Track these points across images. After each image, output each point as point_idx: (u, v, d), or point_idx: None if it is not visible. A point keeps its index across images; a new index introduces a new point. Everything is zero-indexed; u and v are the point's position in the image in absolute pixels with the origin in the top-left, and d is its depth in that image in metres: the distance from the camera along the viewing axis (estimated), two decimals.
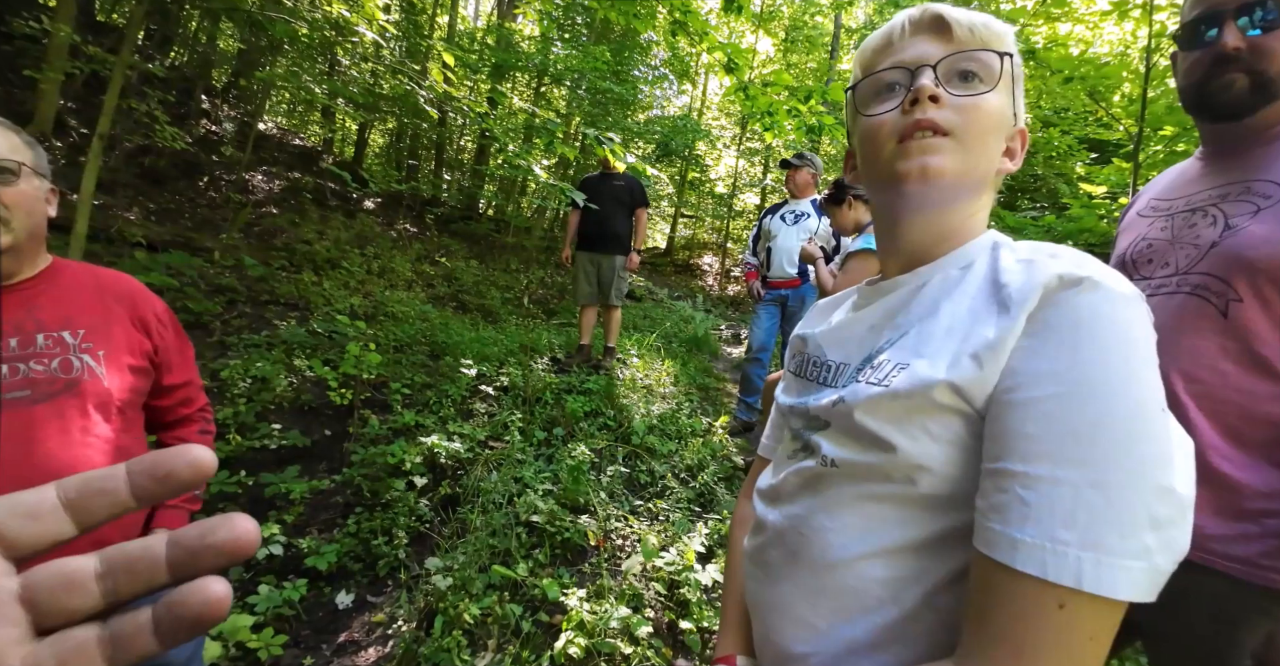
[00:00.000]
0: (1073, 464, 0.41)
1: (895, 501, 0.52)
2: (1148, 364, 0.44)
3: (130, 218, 4.29)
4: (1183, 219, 1.00)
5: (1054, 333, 0.45)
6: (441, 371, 3.45)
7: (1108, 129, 6.14)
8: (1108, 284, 0.45)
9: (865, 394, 0.53)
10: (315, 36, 5.44)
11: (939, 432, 0.49)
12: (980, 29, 0.56)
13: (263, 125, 7.48)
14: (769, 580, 0.62)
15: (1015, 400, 0.44)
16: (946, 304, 0.54)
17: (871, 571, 0.52)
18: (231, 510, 2.20)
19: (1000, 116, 0.56)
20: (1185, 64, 0.99)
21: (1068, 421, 0.42)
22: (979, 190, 0.58)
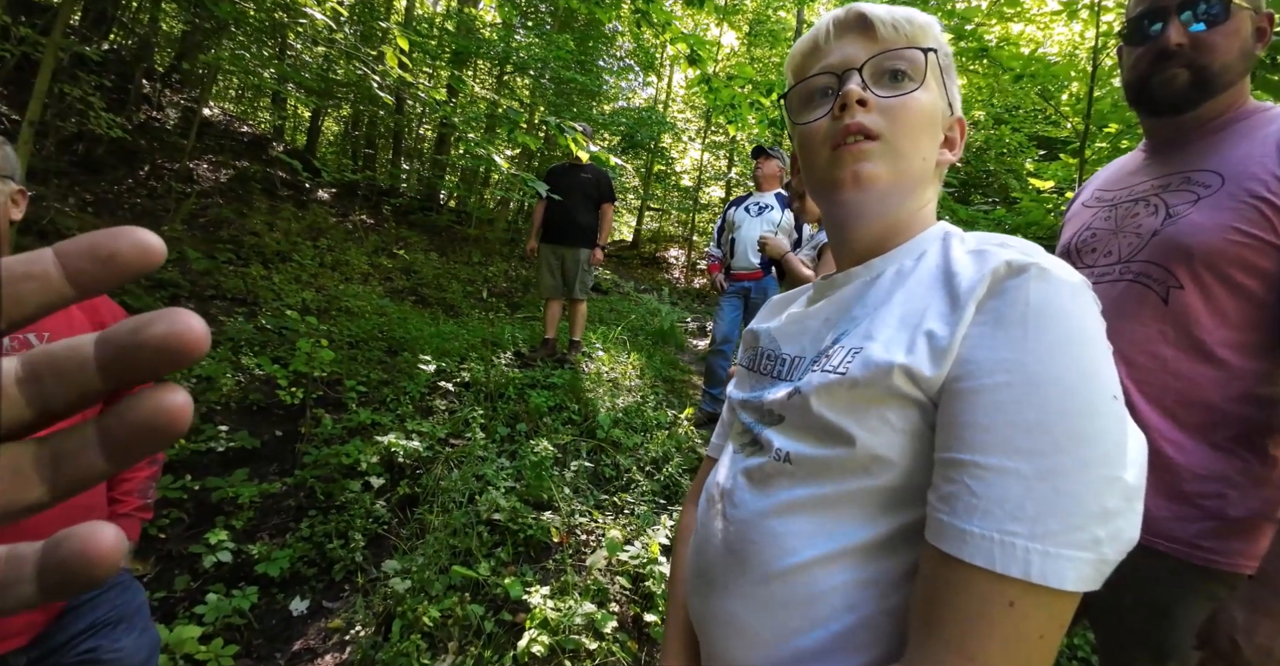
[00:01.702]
0: (1022, 454, 0.41)
1: (851, 499, 0.50)
2: (1097, 351, 0.44)
3: (65, 209, 4.03)
4: (1125, 208, 1.02)
5: (1002, 321, 0.45)
6: (399, 368, 3.36)
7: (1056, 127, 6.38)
8: (1054, 272, 0.45)
9: (820, 382, 0.52)
10: (263, 18, 5.20)
11: (898, 423, 0.48)
12: (904, 25, 0.56)
13: (208, 111, 7.13)
14: (714, 593, 0.59)
15: (965, 389, 0.44)
16: (900, 293, 0.53)
17: (826, 577, 0.50)
18: (177, 517, 2.10)
19: (931, 111, 0.56)
20: (1130, 59, 1.01)
21: (1017, 411, 0.42)
22: (919, 186, 0.58)
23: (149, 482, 1.18)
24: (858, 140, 0.54)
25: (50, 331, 1.02)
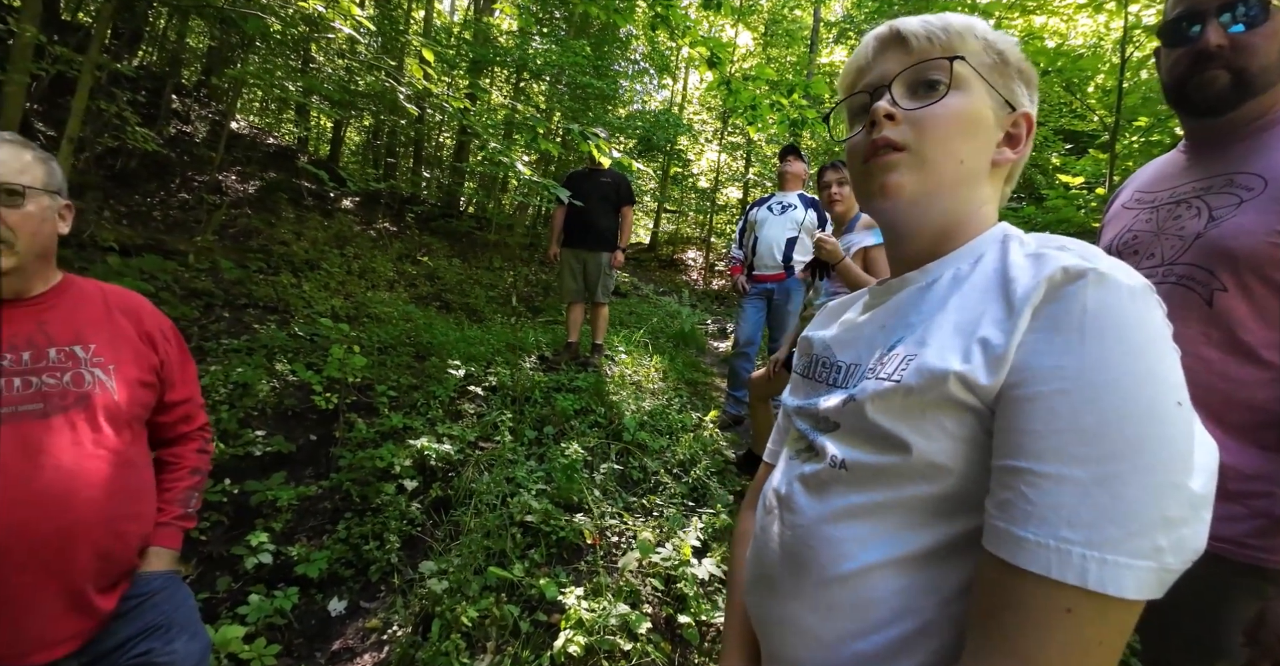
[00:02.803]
0: (1079, 461, 0.41)
1: (908, 507, 0.50)
2: (1159, 355, 0.43)
3: (101, 221, 4.16)
4: (1167, 211, 1.02)
5: (1060, 328, 0.44)
6: (428, 372, 3.41)
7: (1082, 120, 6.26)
8: (1114, 276, 0.44)
9: (875, 389, 0.53)
10: (288, 32, 5.33)
11: (954, 430, 0.48)
12: (939, 35, 0.57)
13: (235, 124, 7.31)
14: (774, 597, 0.60)
15: (1022, 396, 0.44)
16: (955, 299, 0.53)
17: (885, 583, 0.51)
18: (217, 520, 2.16)
19: (967, 114, 0.56)
20: (1168, 61, 1.00)
21: (1075, 417, 0.42)
22: (963, 188, 0.58)
23: (190, 493, 1.21)
24: (885, 153, 0.57)
25: (96, 343, 1.05)
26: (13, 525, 0.89)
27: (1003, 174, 0.61)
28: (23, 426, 0.94)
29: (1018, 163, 0.61)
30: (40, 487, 0.92)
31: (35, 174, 0.99)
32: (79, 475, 0.96)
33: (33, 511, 0.91)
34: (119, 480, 1.02)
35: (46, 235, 1.02)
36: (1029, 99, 0.60)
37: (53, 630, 0.94)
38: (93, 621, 0.99)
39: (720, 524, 2.37)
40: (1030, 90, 0.60)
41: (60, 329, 1.03)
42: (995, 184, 0.61)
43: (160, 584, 1.07)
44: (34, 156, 1.01)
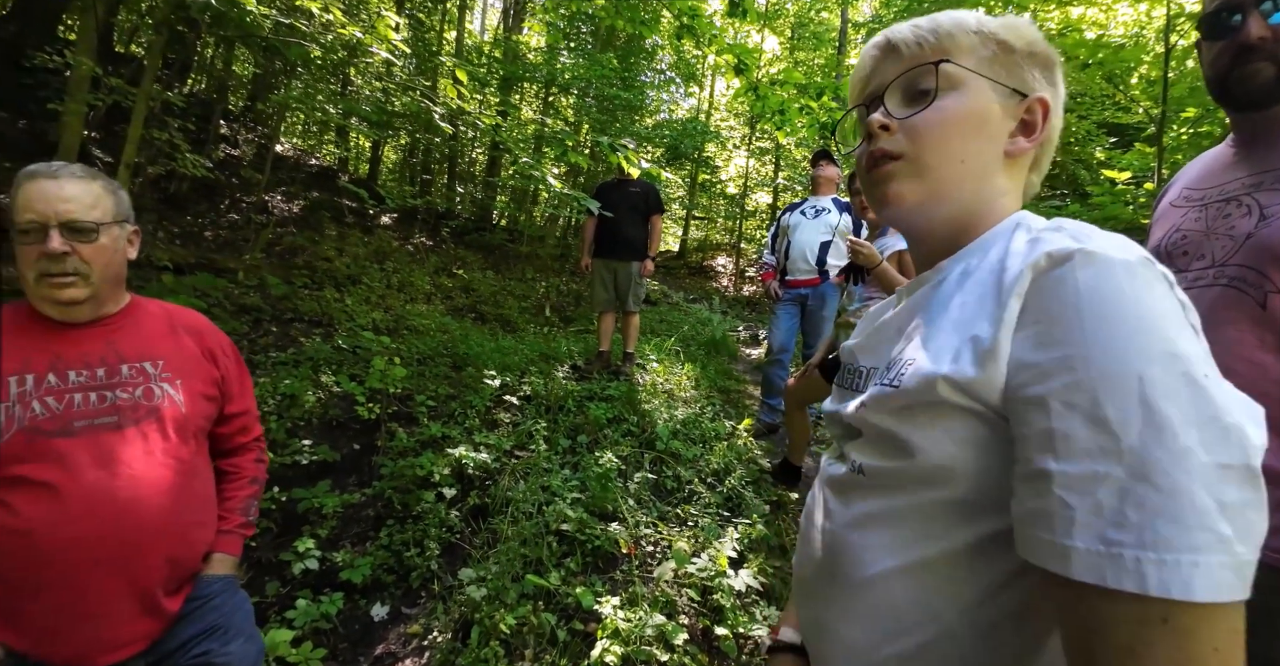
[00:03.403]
0: (1110, 455, 0.38)
1: (922, 511, 0.50)
2: (1168, 330, 0.40)
3: (156, 242, 4.39)
4: (1216, 209, 0.98)
5: (1056, 317, 0.42)
6: (464, 382, 3.48)
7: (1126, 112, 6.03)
8: (1104, 253, 0.42)
9: (876, 394, 0.54)
10: (328, 58, 5.55)
11: (959, 433, 0.47)
12: (928, 38, 0.57)
13: (280, 147, 7.64)
14: (812, 602, 0.61)
15: (1033, 395, 0.42)
16: (959, 295, 0.52)
17: (903, 589, 0.51)
18: (266, 526, 2.24)
19: (964, 115, 0.56)
20: (1210, 54, 0.97)
21: (1093, 409, 0.39)
22: (971, 184, 0.57)
23: (250, 501, 1.26)
24: (884, 163, 0.58)
25: (164, 359, 1.11)
26: (92, 531, 0.95)
27: (1023, 163, 0.59)
28: (99, 438, 0.99)
29: (1040, 149, 0.59)
30: (116, 495, 0.98)
31: (106, 206, 1.04)
32: (152, 483, 1.02)
33: (110, 518, 0.97)
34: (187, 488, 1.08)
35: (118, 263, 1.08)
36: (1046, 81, 0.58)
37: (125, 631, 0.99)
38: (161, 622, 1.04)
39: (756, 534, 2.34)
40: (1047, 72, 0.58)
41: (131, 346, 1.09)
42: (1014, 174, 0.59)
43: (220, 587, 1.12)
44: (103, 188, 1.05)
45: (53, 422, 0.97)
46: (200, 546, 1.11)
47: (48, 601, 0.93)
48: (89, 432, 0.99)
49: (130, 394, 1.05)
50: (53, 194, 0.98)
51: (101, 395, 1.02)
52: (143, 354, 1.09)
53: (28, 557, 0.92)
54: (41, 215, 0.97)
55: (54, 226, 0.97)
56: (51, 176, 0.99)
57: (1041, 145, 0.59)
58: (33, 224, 0.97)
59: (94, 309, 1.06)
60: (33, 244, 0.97)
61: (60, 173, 1.00)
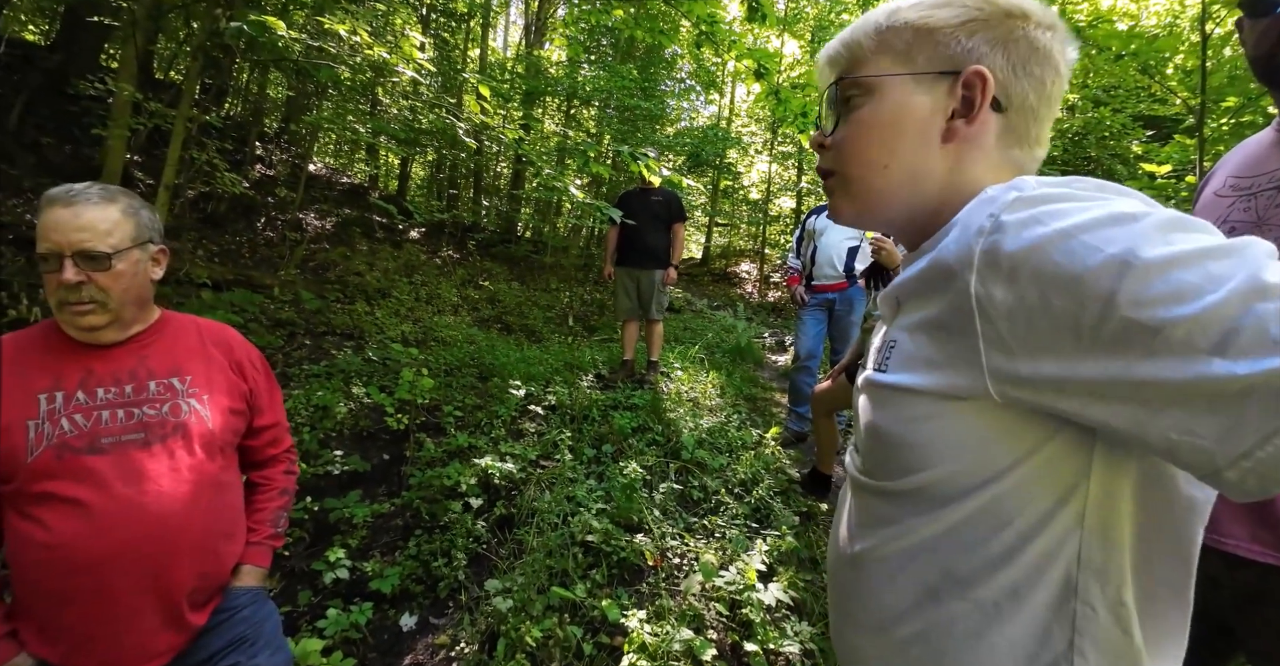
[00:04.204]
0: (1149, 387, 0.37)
1: (895, 500, 0.53)
2: (1100, 259, 0.38)
3: (195, 260, 4.56)
4: (1267, 198, 0.92)
5: (1019, 289, 0.41)
6: (491, 392, 3.50)
7: (1163, 104, 5.82)
8: (1032, 212, 0.41)
9: (858, 393, 0.59)
10: (357, 79, 5.72)
11: (939, 424, 0.48)
12: (842, 52, 0.59)
13: (313, 166, 7.88)
14: (833, 610, 0.65)
15: (1041, 373, 0.41)
16: (915, 286, 0.53)
17: (882, 569, 0.55)
18: (299, 536, 2.28)
19: (878, 121, 0.56)
20: (1254, 34, 0.91)
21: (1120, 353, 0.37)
22: (907, 181, 0.56)
23: (280, 513, 1.27)
24: (826, 180, 0.62)
25: (192, 374, 1.12)
26: (120, 547, 0.97)
27: (981, 140, 0.54)
28: (127, 455, 1.01)
29: (1011, 119, 0.54)
30: (145, 512, 0.99)
31: (123, 231, 1.03)
32: (179, 499, 1.03)
33: (138, 534, 0.98)
34: (215, 503, 1.09)
35: (139, 286, 1.07)
36: (991, 44, 0.52)
37: (150, 644, 1.01)
38: (185, 636, 1.05)
39: (786, 547, 2.29)
40: (990, 31, 0.52)
41: (159, 363, 1.10)
42: (974, 154, 0.54)
43: (248, 599, 1.13)
44: (121, 212, 1.03)
45: (81, 439, 0.99)
46: (229, 559, 1.13)
47: (77, 615, 0.96)
48: (117, 449, 1.00)
49: (158, 410, 1.06)
50: (67, 223, 0.97)
51: (129, 412, 1.03)
52: (171, 370, 1.10)
53: (58, 572, 0.94)
54: (56, 245, 0.97)
55: (68, 256, 0.97)
56: (67, 204, 0.99)
57: (1009, 115, 0.53)
58: (50, 253, 0.97)
59: (118, 332, 1.07)
60: (51, 272, 0.98)
61: (76, 199, 0.99)
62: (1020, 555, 0.46)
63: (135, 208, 1.07)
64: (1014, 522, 0.46)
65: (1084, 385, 0.39)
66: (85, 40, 5.31)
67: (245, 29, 2.43)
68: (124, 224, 1.03)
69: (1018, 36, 0.52)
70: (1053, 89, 0.54)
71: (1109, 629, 0.45)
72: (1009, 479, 0.45)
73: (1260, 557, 0.83)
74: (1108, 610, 0.45)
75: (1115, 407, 0.39)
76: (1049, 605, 0.46)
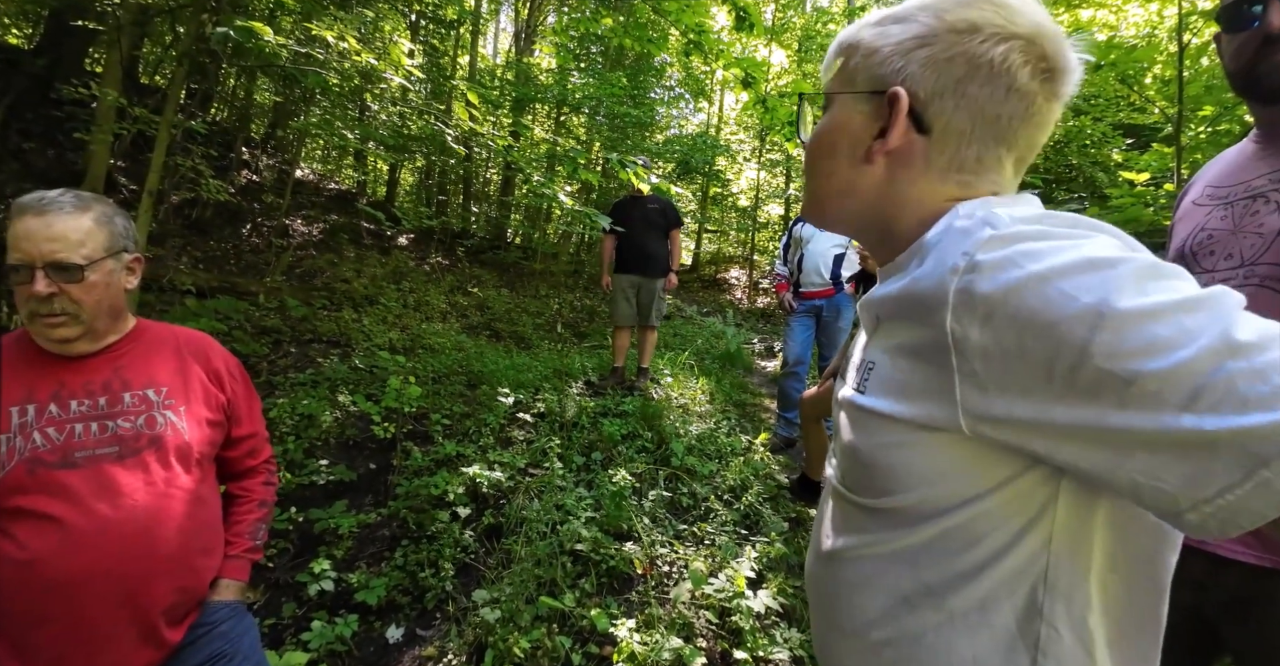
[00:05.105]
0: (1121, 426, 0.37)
1: (870, 515, 0.54)
2: (1076, 307, 0.38)
3: (179, 267, 4.51)
4: (1243, 206, 0.94)
5: (995, 331, 0.41)
6: (479, 400, 3.48)
7: (1141, 113, 5.94)
8: (1007, 253, 0.42)
9: (837, 407, 0.61)
10: (346, 85, 5.70)
11: (913, 453, 0.49)
12: (829, 60, 0.61)
13: (299, 172, 7.82)
14: (812, 610, 0.67)
15: (1011, 415, 0.42)
16: (891, 306, 0.54)
17: (853, 570, 0.57)
18: (283, 547, 2.24)
19: (822, 136, 0.60)
20: (1231, 47, 0.94)
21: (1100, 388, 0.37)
22: (851, 196, 0.58)
23: (259, 525, 1.24)
24: None
25: (168, 385, 1.09)
26: (95, 566, 0.94)
27: (913, 161, 0.54)
28: (100, 469, 0.98)
29: (937, 143, 0.53)
30: (120, 528, 0.96)
31: (96, 241, 0.99)
32: (155, 514, 1.00)
33: (113, 551, 0.95)
34: (192, 517, 1.06)
35: (113, 297, 1.04)
36: (920, 65, 0.51)
37: (126, 663, 0.98)
38: (162, 652, 1.02)
39: (775, 553, 2.29)
40: (929, 49, 0.51)
41: (134, 374, 1.07)
42: (906, 174, 0.55)
43: (226, 614, 1.11)
44: (94, 221, 1.00)
45: (53, 454, 0.96)
46: (207, 574, 1.10)
47: (52, 632, 0.93)
48: (90, 463, 0.98)
49: (132, 423, 1.03)
50: (38, 233, 0.94)
51: (103, 425, 1.01)
52: (147, 381, 1.08)
53: (31, 590, 0.92)
54: (27, 255, 0.94)
55: (39, 267, 0.94)
56: (39, 213, 0.95)
57: (932, 138, 0.53)
58: (20, 263, 0.94)
59: (91, 343, 1.04)
60: (22, 283, 0.95)
61: (48, 208, 0.96)
62: (990, 570, 0.47)
63: (109, 215, 1.04)
64: (984, 541, 0.47)
65: (1056, 428, 0.40)
66: (70, 44, 5.26)
67: (232, 34, 2.41)
68: (97, 233, 1.00)
69: (954, 55, 0.51)
70: (1005, 107, 0.51)
71: (1073, 650, 0.46)
72: (979, 505, 0.47)
73: (1245, 558, 0.84)
74: (1072, 632, 0.46)
75: (1085, 451, 0.40)
76: (1015, 623, 0.47)
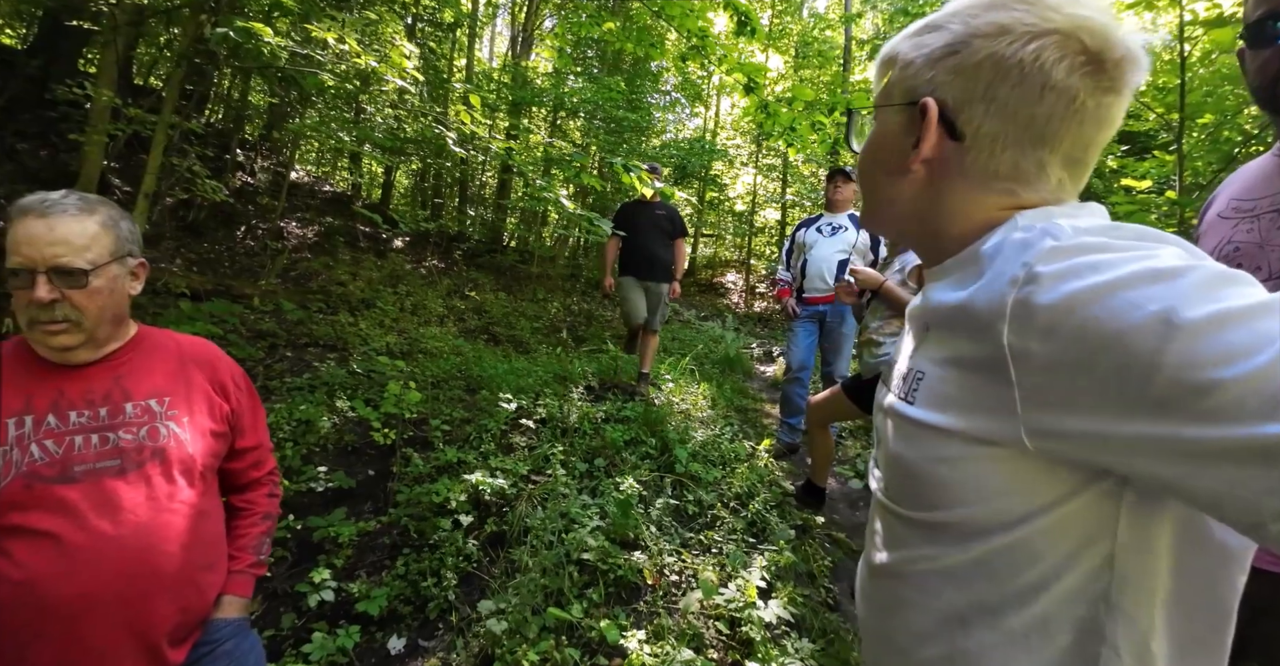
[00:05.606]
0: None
1: (912, 526, 0.54)
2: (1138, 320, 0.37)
3: (174, 269, 4.44)
4: (1269, 220, 0.95)
5: (1058, 344, 0.40)
6: (479, 405, 3.44)
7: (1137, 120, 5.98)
8: (1068, 263, 0.41)
9: (880, 414, 0.61)
10: (342, 88, 5.66)
11: (966, 468, 0.48)
12: (876, 72, 0.62)
13: (295, 174, 7.77)
14: (861, 623, 0.66)
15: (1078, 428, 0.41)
16: (944, 315, 0.53)
17: (897, 587, 0.56)
18: (282, 555, 2.20)
19: (870, 147, 0.61)
20: (1255, 63, 0.94)
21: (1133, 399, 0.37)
22: (897, 204, 0.59)
23: (263, 538, 1.20)
24: None
25: (170, 395, 1.05)
26: (95, 585, 0.90)
27: (949, 171, 0.54)
28: (101, 483, 0.94)
29: (970, 148, 0.52)
30: (121, 545, 0.92)
31: (102, 245, 0.96)
32: (158, 530, 0.96)
33: (114, 570, 0.91)
34: (195, 533, 1.02)
35: (116, 303, 1.01)
36: (949, 73, 0.52)
37: None
38: None
39: (785, 562, 2.26)
40: (957, 58, 0.51)
41: (136, 384, 1.03)
42: (944, 184, 0.55)
43: (230, 632, 1.07)
44: (100, 224, 0.97)
45: (52, 468, 0.91)
46: (210, 591, 1.06)
47: (50, 654, 0.89)
48: (90, 477, 0.93)
49: (134, 435, 0.99)
50: (41, 236, 0.90)
51: (104, 437, 0.96)
52: (149, 391, 1.03)
53: (29, 610, 0.87)
54: (29, 259, 0.90)
55: (42, 272, 0.90)
56: (42, 215, 0.91)
57: (967, 145, 0.52)
58: (21, 268, 0.90)
59: (92, 351, 1.00)
60: (22, 288, 0.91)
61: (51, 210, 0.92)
62: (1050, 589, 0.46)
63: (115, 219, 1.00)
64: (1042, 560, 0.46)
65: (1127, 442, 0.38)
66: (65, 45, 5.21)
67: (230, 35, 2.38)
68: (102, 237, 0.96)
69: (980, 60, 0.50)
70: (1041, 107, 0.49)
71: None
72: (1034, 524, 0.46)
73: (1273, 568, 0.83)
74: (1133, 656, 0.44)
75: (1161, 464, 0.38)
76: (1074, 644, 0.45)
